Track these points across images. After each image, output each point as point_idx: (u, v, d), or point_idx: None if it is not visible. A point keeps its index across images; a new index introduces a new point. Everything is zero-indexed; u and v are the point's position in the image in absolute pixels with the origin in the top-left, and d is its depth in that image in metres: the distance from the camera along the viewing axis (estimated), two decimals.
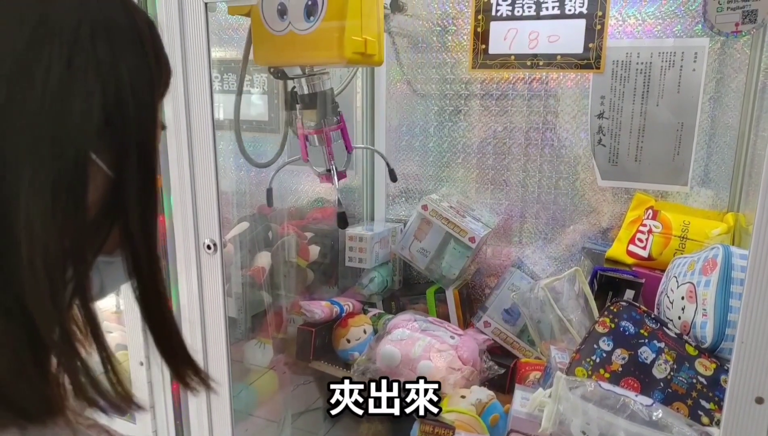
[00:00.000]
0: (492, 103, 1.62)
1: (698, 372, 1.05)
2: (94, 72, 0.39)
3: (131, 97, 0.42)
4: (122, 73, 0.41)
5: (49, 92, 0.37)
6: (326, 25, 0.95)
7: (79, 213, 0.39)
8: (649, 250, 1.40)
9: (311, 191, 1.90)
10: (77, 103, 0.38)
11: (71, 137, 0.38)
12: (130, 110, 0.42)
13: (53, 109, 0.37)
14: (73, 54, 0.38)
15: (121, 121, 0.41)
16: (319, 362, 1.57)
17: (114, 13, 0.42)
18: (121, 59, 0.41)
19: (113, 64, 0.40)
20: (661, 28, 1.41)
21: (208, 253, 1.12)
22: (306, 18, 0.95)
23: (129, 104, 0.41)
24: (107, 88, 0.40)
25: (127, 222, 0.43)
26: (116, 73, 0.41)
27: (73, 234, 0.39)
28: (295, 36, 0.96)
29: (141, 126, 0.43)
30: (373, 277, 1.70)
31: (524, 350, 1.50)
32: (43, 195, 0.36)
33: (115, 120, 0.41)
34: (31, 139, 0.36)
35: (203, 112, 1.08)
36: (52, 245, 0.37)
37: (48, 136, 0.37)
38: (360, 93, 1.75)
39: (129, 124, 0.42)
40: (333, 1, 0.94)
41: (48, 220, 0.37)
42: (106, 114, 0.40)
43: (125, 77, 0.41)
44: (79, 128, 0.38)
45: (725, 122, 1.40)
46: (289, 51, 0.98)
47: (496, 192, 1.67)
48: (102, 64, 0.40)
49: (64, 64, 0.38)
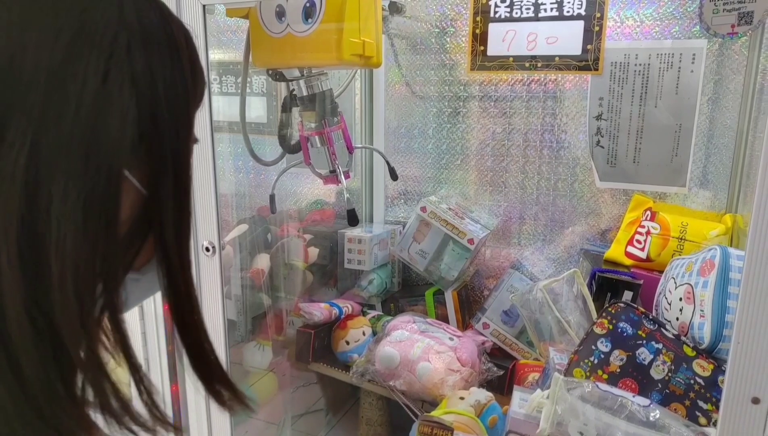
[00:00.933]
0: (490, 105, 1.63)
1: (696, 373, 1.05)
2: (129, 86, 0.38)
3: (167, 112, 0.40)
4: (158, 86, 0.39)
5: (84, 108, 0.36)
6: (324, 27, 0.95)
7: (111, 231, 0.38)
8: (648, 251, 1.40)
9: (310, 193, 1.91)
10: (112, 119, 0.37)
11: (105, 154, 0.37)
12: (165, 125, 0.40)
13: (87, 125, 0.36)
14: (109, 67, 0.37)
15: (156, 136, 0.40)
16: (318, 364, 1.57)
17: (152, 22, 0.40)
18: (157, 72, 0.39)
19: (149, 77, 0.39)
20: (659, 30, 1.41)
21: (206, 255, 1.13)
22: (304, 20, 0.95)
23: (164, 119, 0.40)
24: (142, 103, 0.38)
25: (163, 239, 0.42)
26: (152, 87, 0.39)
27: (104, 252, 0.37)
28: (293, 38, 0.97)
29: (176, 141, 0.42)
30: (372, 279, 1.70)
31: (523, 352, 1.50)
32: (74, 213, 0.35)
33: (150, 135, 0.39)
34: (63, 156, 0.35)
35: (202, 114, 1.08)
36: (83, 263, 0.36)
37: (81, 152, 0.36)
38: (359, 95, 1.76)
39: (164, 139, 0.40)
40: (331, 4, 0.95)
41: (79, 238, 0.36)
42: (141, 130, 0.38)
43: (161, 91, 0.40)
44: (113, 145, 0.37)
45: (723, 123, 1.40)
46: (287, 53, 0.99)
47: (494, 194, 1.68)
48: (138, 77, 0.38)
49: (101, 78, 0.36)
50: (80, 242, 0.36)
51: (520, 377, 1.36)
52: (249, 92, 1.87)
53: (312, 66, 1.02)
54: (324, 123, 1.09)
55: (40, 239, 0.35)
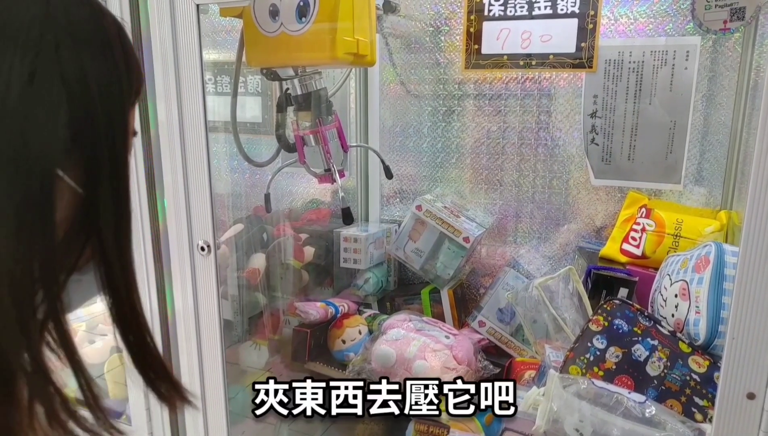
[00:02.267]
0: (485, 103, 1.63)
1: (692, 369, 1.05)
2: (59, 85, 0.37)
3: (100, 110, 0.39)
4: (90, 84, 0.38)
5: (9, 110, 0.35)
6: (318, 27, 0.95)
7: (47, 234, 0.37)
8: (643, 248, 1.40)
9: (306, 193, 1.90)
10: (41, 121, 0.36)
11: (36, 156, 0.36)
12: (99, 123, 0.39)
13: (14, 128, 0.35)
14: (35, 67, 0.36)
15: (90, 135, 0.39)
16: (314, 363, 1.57)
17: (81, 18, 0.39)
18: (88, 69, 0.38)
19: (80, 75, 0.38)
20: (653, 27, 1.42)
21: (201, 254, 1.12)
22: (298, 19, 0.95)
23: (98, 117, 0.39)
24: (74, 102, 0.37)
25: (101, 238, 0.41)
26: (83, 84, 0.38)
27: (41, 256, 0.36)
28: (287, 37, 0.96)
29: (111, 138, 0.40)
30: (368, 277, 1.70)
31: (519, 350, 1.51)
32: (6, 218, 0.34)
33: (84, 134, 0.38)
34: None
35: (196, 114, 1.08)
36: (19, 270, 0.35)
37: (10, 156, 0.35)
38: (354, 94, 1.75)
39: (98, 137, 0.39)
40: (325, 3, 0.94)
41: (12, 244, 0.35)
42: (74, 129, 0.37)
43: (93, 89, 0.39)
44: (43, 146, 0.36)
45: (718, 120, 1.40)
46: (281, 52, 0.99)
47: (490, 192, 1.68)
48: (68, 76, 0.37)
49: (26, 79, 0.35)
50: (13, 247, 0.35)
51: (516, 374, 1.36)
52: (243, 92, 1.87)
53: (306, 65, 1.03)
54: (318, 122, 1.09)
55: None
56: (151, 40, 1.07)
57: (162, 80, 1.08)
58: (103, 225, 0.40)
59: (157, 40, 1.06)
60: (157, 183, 1.13)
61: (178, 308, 1.18)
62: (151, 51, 1.07)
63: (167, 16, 1.04)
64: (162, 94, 1.08)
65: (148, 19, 1.06)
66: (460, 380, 1.32)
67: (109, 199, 0.40)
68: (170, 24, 1.05)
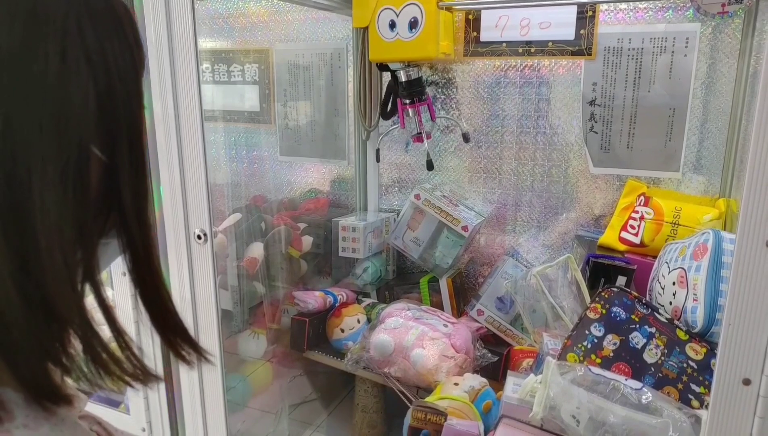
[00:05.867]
0: (484, 91, 1.62)
1: (689, 357, 1.05)
2: (85, 63, 0.39)
3: (119, 83, 0.42)
4: (109, 59, 0.41)
5: (49, 86, 0.38)
6: (423, 35, 1.38)
7: (86, 199, 0.40)
8: (641, 236, 1.40)
9: (304, 182, 1.90)
10: (74, 96, 0.39)
11: (73, 129, 0.39)
12: (119, 95, 0.42)
13: (55, 103, 0.38)
14: (65, 46, 0.38)
15: (112, 107, 0.42)
16: (313, 352, 1.57)
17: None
18: (106, 46, 0.41)
19: (101, 52, 0.41)
20: (652, 14, 1.41)
21: (198, 243, 1.12)
22: (409, 30, 1.39)
23: (117, 90, 0.42)
24: (98, 77, 0.40)
25: (122, 203, 0.44)
26: (104, 60, 0.41)
27: (81, 219, 0.40)
28: (401, 42, 1.40)
29: (129, 109, 0.44)
30: (366, 267, 1.70)
31: (517, 338, 1.51)
32: (54, 186, 0.37)
33: (107, 107, 0.41)
34: (36, 134, 0.37)
35: (191, 103, 1.07)
36: (66, 231, 0.38)
37: (52, 129, 0.38)
38: (352, 82, 1.74)
39: (119, 109, 0.42)
40: (429, 20, 1.36)
41: (62, 208, 0.38)
42: (99, 102, 0.40)
43: (112, 64, 0.42)
44: (78, 119, 0.39)
45: (717, 108, 1.40)
46: (397, 51, 1.42)
47: (488, 181, 1.67)
48: (91, 53, 0.40)
49: (59, 57, 0.38)
50: (63, 211, 0.38)
51: (515, 363, 1.36)
52: (242, 81, 1.86)
53: (414, 60, 1.48)
54: (415, 100, 1.50)
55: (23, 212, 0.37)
56: (145, 27, 1.06)
57: (156, 68, 1.07)
58: (124, 191, 0.44)
59: (151, 27, 1.05)
60: (153, 171, 1.13)
61: (175, 296, 1.18)
62: (145, 38, 1.06)
63: (161, 2, 1.04)
64: (157, 83, 1.08)
65: (141, 5, 1.05)
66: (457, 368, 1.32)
67: (128, 166, 0.44)
68: (164, 11, 1.04)
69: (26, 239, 0.37)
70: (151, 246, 0.47)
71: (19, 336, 0.37)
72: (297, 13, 1.77)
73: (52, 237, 0.38)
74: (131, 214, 0.45)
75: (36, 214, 0.37)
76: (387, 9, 1.40)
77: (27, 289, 0.37)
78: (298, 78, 1.82)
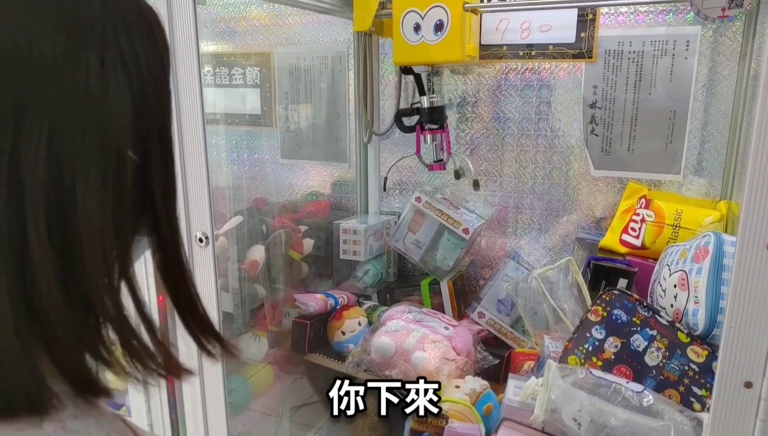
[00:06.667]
0: (485, 95, 1.62)
1: (690, 359, 1.05)
2: (122, 70, 0.41)
3: (152, 88, 0.43)
4: (142, 65, 0.42)
5: (91, 95, 0.39)
6: (449, 38, 1.37)
7: (123, 200, 0.42)
8: (642, 239, 1.40)
9: (305, 185, 1.90)
10: (113, 102, 0.40)
11: (112, 134, 0.40)
12: (151, 100, 0.43)
13: (96, 110, 0.39)
14: (104, 55, 0.40)
15: (145, 111, 0.43)
16: (314, 355, 1.57)
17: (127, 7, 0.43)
18: (140, 52, 0.42)
19: (135, 58, 0.42)
20: (653, 17, 1.41)
21: (200, 246, 1.12)
22: (435, 33, 1.37)
23: (150, 94, 0.43)
24: (133, 83, 0.41)
25: (153, 203, 0.45)
26: (138, 67, 0.42)
27: (118, 220, 0.42)
28: (426, 45, 1.39)
29: (161, 112, 0.45)
30: (367, 269, 1.70)
31: (519, 340, 1.51)
32: (96, 189, 0.39)
33: (141, 111, 0.42)
34: (80, 140, 0.38)
35: (193, 106, 1.08)
36: (107, 231, 0.40)
37: (94, 135, 0.39)
38: (353, 85, 1.75)
39: (151, 113, 0.44)
40: (455, 22, 1.35)
41: (103, 210, 0.40)
42: (134, 107, 0.42)
43: (145, 69, 0.43)
44: (117, 125, 0.40)
45: (718, 110, 1.40)
46: (422, 54, 1.41)
47: (489, 183, 1.67)
48: (127, 60, 0.41)
49: (99, 65, 0.39)
50: (104, 214, 0.40)
51: (516, 365, 1.36)
52: (243, 84, 1.87)
53: (439, 63, 1.49)
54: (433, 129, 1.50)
55: (67, 214, 0.38)
56: None
57: None
58: (155, 191, 0.45)
59: None
60: None
61: None
62: None
63: (163, 5, 1.04)
64: None
65: None
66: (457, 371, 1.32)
67: (159, 167, 0.45)
68: (166, 14, 1.04)
69: (69, 239, 0.38)
70: (180, 244, 0.49)
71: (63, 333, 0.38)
72: (298, 16, 1.78)
73: (94, 237, 0.39)
74: (162, 213, 0.46)
75: (80, 216, 0.38)
76: (412, 11, 1.38)
77: (69, 287, 0.38)
78: (299, 81, 1.83)
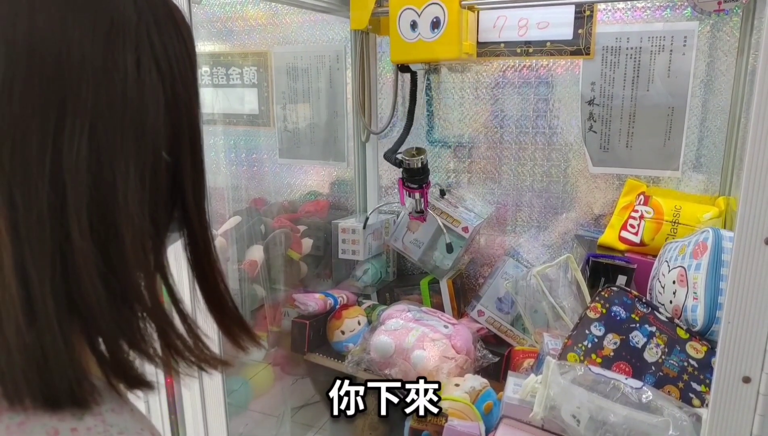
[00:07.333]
0: (482, 92, 1.62)
1: (689, 355, 1.05)
2: (155, 68, 0.42)
3: (182, 86, 0.44)
4: (173, 65, 0.43)
5: (128, 96, 0.40)
6: (447, 35, 1.36)
7: (158, 196, 0.43)
8: (641, 235, 1.39)
9: (303, 185, 1.90)
10: (149, 102, 0.41)
11: (148, 133, 0.41)
12: (182, 99, 0.44)
13: (133, 110, 0.40)
14: (139, 55, 0.41)
15: (176, 110, 0.44)
16: (314, 354, 1.57)
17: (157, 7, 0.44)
18: (170, 52, 0.43)
19: (166, 58, 0.43)
20: (650, 13, 1.40)
21: None
22: (431, 30, 1.37)
23: (181, 93, 0.44)
24: (165, 82, 0.42)
25: (184, 198, 0.46)
26: (169, 66, 0.43)
27: (155, 215, 0.43)
28: (423, 42, 1.38)
29: (190, 111, 0.46)
30: (366, 269, 1.70)
31: (518, 338, 1.50)
32: (135, 186, 0.40)
33: (173, 110, 0.43)
34: (119, 140, 0.39)
35: None
36: (145, 227, 0.41)
37: (132, 134, 0.40)
38: (350, 84, 1.75)
39: (182, 111, 0.44)
40: (451, 19, 1.35)
41: (142, 206, 0.41)
42: (167, 106, 0.42)
43: (176, 69, 0.43)
44: (152, 123, 0.41)
45: (716, 106, 1.39)
46: (419, 52, 1.40)
47: (488, 182, 1.67)
48: (159, 60, 0.42)
49: (135, 66, 0.40)
50: (144, 209, 0.41)
51: (516, 363, 1.36)
52: (241, 84, 1.86)
53: (437, 61, 1.49)
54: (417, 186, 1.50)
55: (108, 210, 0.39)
56: None
57: None
58: (186, 186, 0.46)
59: None
60: None
61: None
62: None
63: None
64: None
65: None
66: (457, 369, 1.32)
67: (189, 165, 0.46)
68: None
69: (110, 234, 0.39)
70: (209, 238, 0.49)
71: (105, 326, 0.39)
72: (295, 15, 1.78)
73: (134, 232, 0.40)
74: (193, 209, 0.47)
75: (120, 212, 0.39)
76: (408, 9, 1.37)
77: (110, 281, 0.39)
78: (297, 80, 1.82)
